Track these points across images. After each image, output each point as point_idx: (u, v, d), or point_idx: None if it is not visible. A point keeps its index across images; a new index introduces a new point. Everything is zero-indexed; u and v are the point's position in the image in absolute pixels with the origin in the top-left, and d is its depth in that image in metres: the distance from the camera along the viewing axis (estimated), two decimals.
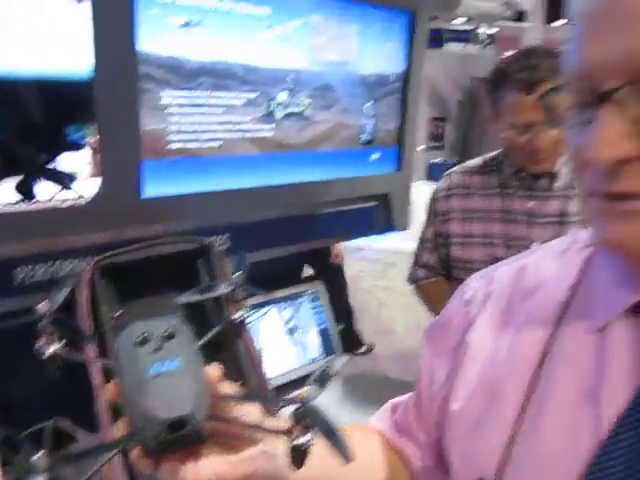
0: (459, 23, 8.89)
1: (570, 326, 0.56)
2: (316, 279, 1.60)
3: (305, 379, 0.50)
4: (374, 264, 4.52)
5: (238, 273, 0.62)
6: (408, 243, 1.72)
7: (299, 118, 1.31)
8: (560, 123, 0.54)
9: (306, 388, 0.47)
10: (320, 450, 0.46)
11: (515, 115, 1.32)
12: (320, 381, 0.48)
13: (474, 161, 1.54)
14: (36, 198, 1.01)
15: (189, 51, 1.09)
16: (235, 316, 0.73)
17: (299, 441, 0.46)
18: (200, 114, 1.13)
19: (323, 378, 0.48)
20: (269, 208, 1.33)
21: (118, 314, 0.88)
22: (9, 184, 0.99)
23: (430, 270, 1.57)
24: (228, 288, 0.61)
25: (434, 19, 8.06)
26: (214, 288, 0.61)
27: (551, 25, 7.58)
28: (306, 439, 0.46)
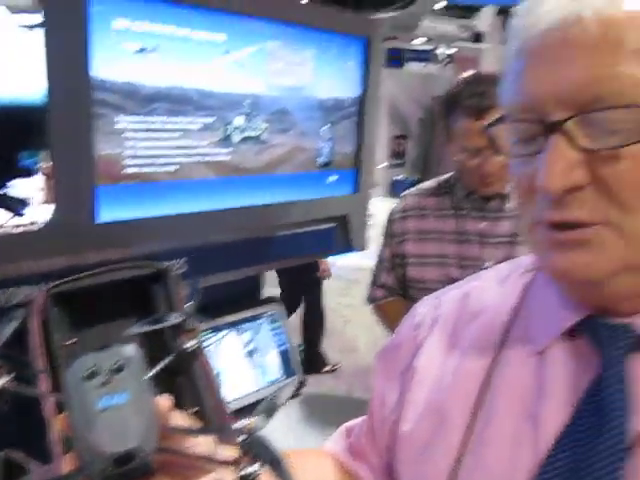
0: (419, 43, 9.09)
1: (512, 350, 0.58)
2: (275, 300, 1.60)
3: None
4: (337, 281, 4.53)
5: (190, 303, 0.62)
6: (371, 260, 1.74)
7: (256, 142, 1.32)
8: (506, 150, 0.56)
9: (253, 418, 0.48)
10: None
11: (465, 139, 1.37)
12: (267, 411, 0.49)
13: (429, 183, 1.58)
14: None
15: (145, 77, 1.09)
16: (187, 345, 0.73)
17: (247, 471, 0.47)
18: (156, 139, 1.13)
19: (270, 408, 0.49)
20: (227, 231, 1.33)
21: (70, 342, 0.87)
22: None
23: (388, 290, 1.59)
24: (179, 318, 0.61)
25: (394, 39, 8.23)
26: (164, 319, 0.61)
27: None
28: (253, 469, 0.47)
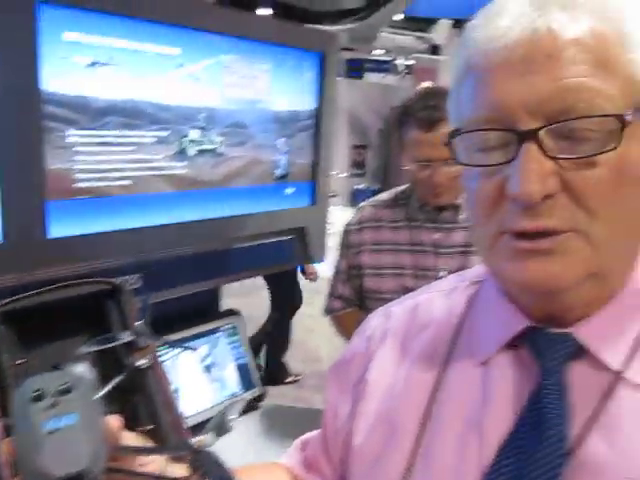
0: (379, 54, 9.21)
1: (458, 361, 0.60)
2: (234, 313, 1.59)
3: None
4: None
5: (141, 321, 0.62)
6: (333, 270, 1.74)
7: (212, 155, 1.32)
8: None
9: (203, 435, 0.48)
10: None
11: (416, 151, 1.40)
12: (217, 427, 0.49)
13: (385, 195, 1.60)
14: None
15: (97, 90, 1.08)
16: (140, 362, 0.72)
17: None
18: (109, 153, 1.12)
19: (220, 424, 0.49)
20: (184, 245, 1.32)
21: (20, 362, 0.85)
22: None
23: (345, 301, 1.61)
24: (131, 336, 0.61)
25: (353, 50, 8.32)
26: (116, 337, 0.61)
27: None
28: None
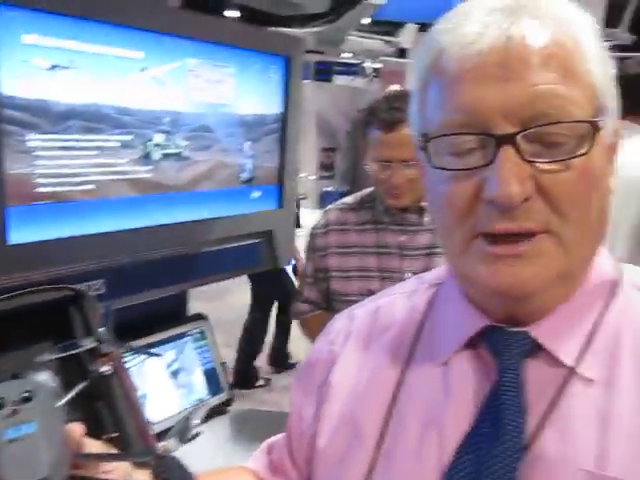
0: (347, 57, 9.25)
1: (419, 362, 0.61)
2: (202, 317, 1.59)
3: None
4: None
5: (104, 328, 0.61)
6: None
7: (177, 159, 1.32)
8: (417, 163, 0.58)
9: (166, 441, 0.48)
10: None
11: (377, 151, 1.42)
12: (180, 433, 0.49)
13: (350, 198, 1.61)
14: None
15: (57, 94, 1.07)
16: (103, 369, 0.72)
17: None
18: (70, 157, 1.11)
19: (183, 430, 0.49)
20: (150, 249, 1.31)
21: None
22: None
23: (312, 304, 1.61)
24: (93, 343, 0.60)
25: (321, 53, 8.35)
26: (79, 343, 0.61)
27: None
28: None
